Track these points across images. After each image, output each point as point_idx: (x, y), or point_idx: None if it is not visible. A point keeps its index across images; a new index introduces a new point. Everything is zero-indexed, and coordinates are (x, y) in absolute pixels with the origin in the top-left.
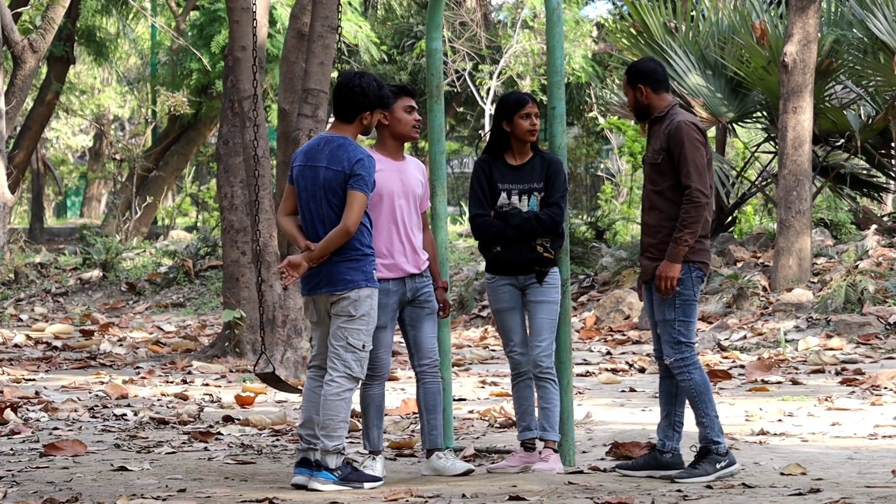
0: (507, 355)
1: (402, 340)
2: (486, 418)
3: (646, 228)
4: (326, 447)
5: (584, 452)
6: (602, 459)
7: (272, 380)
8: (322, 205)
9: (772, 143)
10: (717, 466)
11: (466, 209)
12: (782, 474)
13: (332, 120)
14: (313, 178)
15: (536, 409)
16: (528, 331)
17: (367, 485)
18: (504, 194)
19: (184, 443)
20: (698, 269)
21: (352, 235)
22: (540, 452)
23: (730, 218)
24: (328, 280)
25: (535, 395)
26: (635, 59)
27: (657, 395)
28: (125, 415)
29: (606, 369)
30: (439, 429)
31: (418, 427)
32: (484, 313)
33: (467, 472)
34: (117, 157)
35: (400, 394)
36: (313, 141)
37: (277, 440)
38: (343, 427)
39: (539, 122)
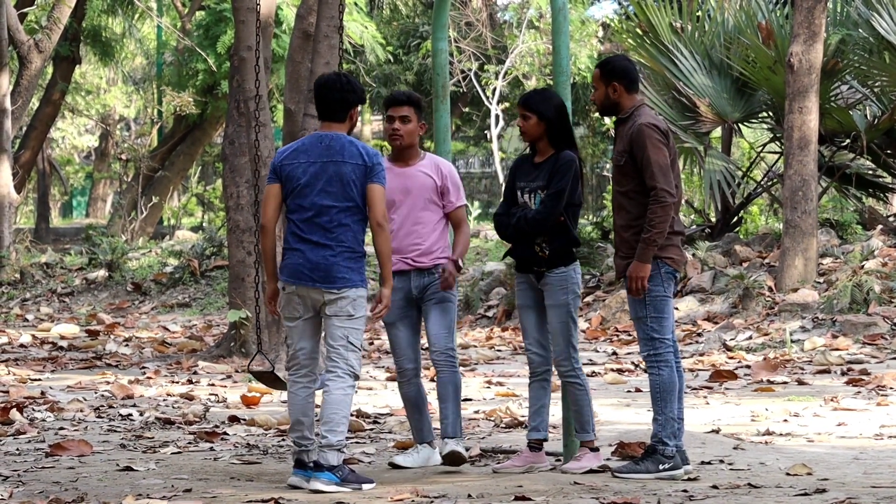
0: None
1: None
2: (492, 418)
3: (616, 228)
4: (330, 442)
5: None
6: (608, 459)
7: (269, 378)
8: (328, 197)
9: (777, 143)
10: (661, 467)
11: (472, 209)
12: (788, 474)
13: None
14: (316, 174)
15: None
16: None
17: (364, 486)
18: (519, 193)
19: (189, 443)
20: (667, 265)
21: (385, 228)
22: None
23: (735, 218)
24: (325, 276)
25: (548, 395)
26: (609, 56)
27: None
28: (131, 415)
29: (612, 369)
30: (450, 418)
31: None
32: (490, 313)
33: (455, 460)
34: (123, 157)
35: None
36: (309, 139)
37: (283, 440)
38: (344, 423)
39: (529, 123)
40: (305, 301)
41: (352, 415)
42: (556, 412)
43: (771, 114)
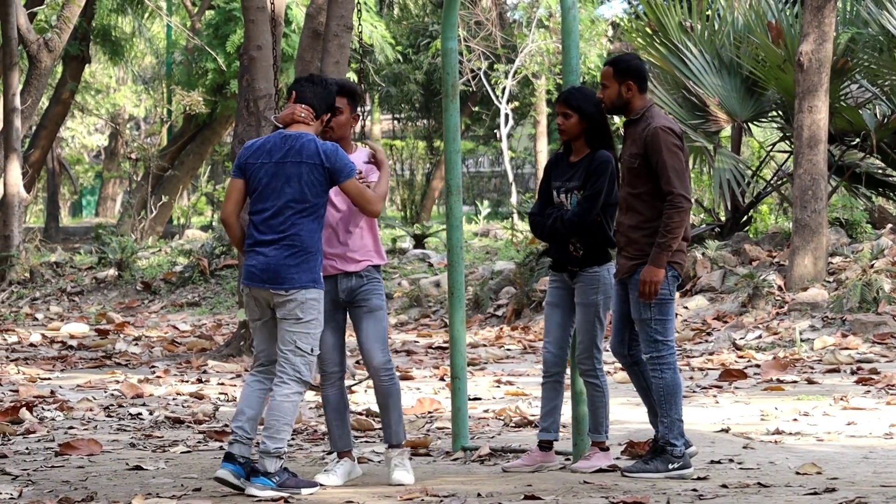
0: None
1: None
2: (502, 418)
3: (622, 228)
4: (267, 448)
5: None
6: (617, 458)
7: None
8: (284, 197)
9: (787, 142)
10: (670, 467)
11: (482, 209)
12: (798, 473)
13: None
14: (276, 174)
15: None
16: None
17: (304, 491)
18: (555, 192)
19: (199, 442)
20: (673, 269)
21: (380, 205)
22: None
23: (745, 217)
24: (273, 277)
25: (561, 396)
26: (621, 54)
27: None
28: (140, 414)
29: (621, 368)
30: (392, 426)
31: (433, 426)
32: (499, 313)
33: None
34: (133, 156)
35: (416, 393)
36: (274, 137)
37: (292, 439)
38: (287, 430)
39: (569, 122)
40: (260, 302)
41: (361, 413)
42: (565, 411)
43: (780, 113)
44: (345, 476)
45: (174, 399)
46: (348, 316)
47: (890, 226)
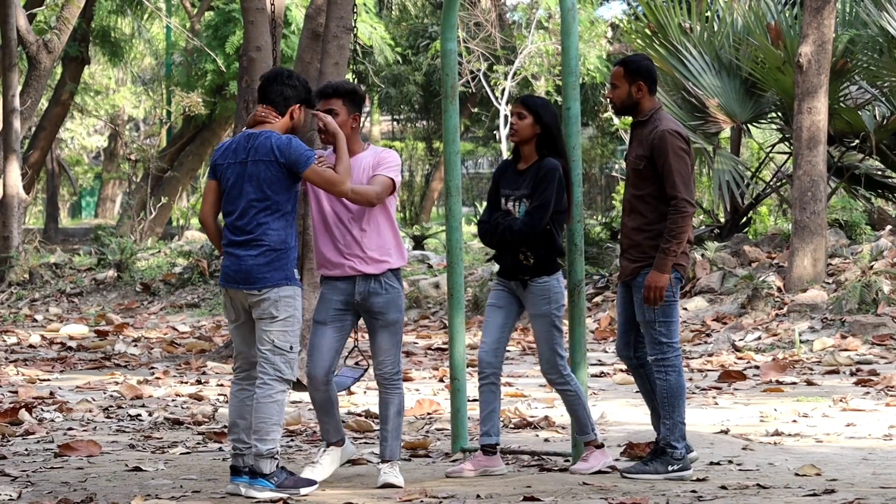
0: None
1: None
2: (501, 419)
3: (625, 230)
4: (260, 451)
5: None
6: (617, 460)
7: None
8: (247, 197)
9: (787, 143)
10: (669, 469)
11: (481, 210)
12: (797, 475)
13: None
14: (240, 174)
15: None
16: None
17: (302, 490)
18: (503, 199)
19: (198, 443)
20: (675, 271)
21: (351, 191)
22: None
23: (745, 218)
24: (246, 278)
25: (498, 398)
26: (632, 55)
27: None
28: (140, 415)
29: (621, 370)
30: (388, 441)
31: (433, 427)
32: None
33: (384, 486)
34: (132, 157)
35: (415, 394)
36: (240, 137)
37: (292, 440)
38: (275, 430)
39: (523, 122)
40: (235, 304)
41: (360, 415)
42: (563, 413)
43: (780, 114)
44: (330, 465)
45: (173, 400)
46: (362, 321)
47: (889, 227)
